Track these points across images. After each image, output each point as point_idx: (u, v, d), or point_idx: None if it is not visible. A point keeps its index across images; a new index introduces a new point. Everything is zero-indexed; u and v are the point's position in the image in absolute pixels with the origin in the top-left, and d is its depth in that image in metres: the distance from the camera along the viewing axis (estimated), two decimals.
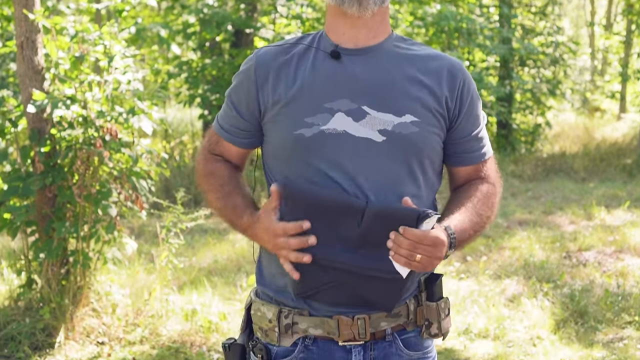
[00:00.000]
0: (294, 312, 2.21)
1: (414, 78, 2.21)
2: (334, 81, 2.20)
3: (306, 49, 2.27)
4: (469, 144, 2.29)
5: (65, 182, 5.31)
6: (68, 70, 5.40)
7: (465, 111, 2.25)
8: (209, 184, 2.35)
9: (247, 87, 2.28)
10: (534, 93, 16.05)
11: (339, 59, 2.22)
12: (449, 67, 2.25)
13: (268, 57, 2.28)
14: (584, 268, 7.11)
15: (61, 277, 5.39)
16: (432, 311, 2.23)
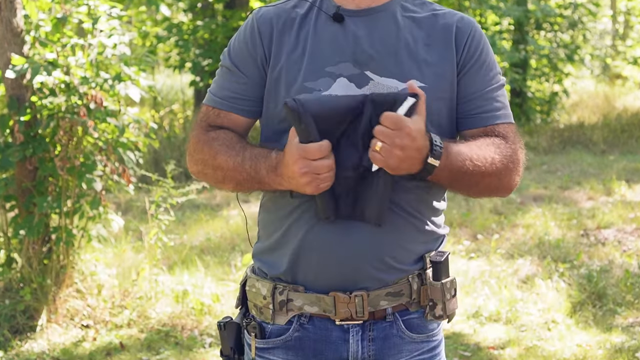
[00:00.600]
0: (288, 288, 2.22)
1: (421, 40, 2.21)
2: (336, 44, 2.20)
3: (309, 9, 2.27)
4: (477, 102, 2.24)
5: (46, 153, 5.30)
6: (49, 33, 5.38)
7: (472, 65, 2.24)
8: (214, 149, 2.22)
9: (253, 46, 2.26)
10: (551, 59, 16.00)
11: (341, 21, 2.22)
12: (458, 22, 2.25)
13: (270, 16, 2.27)
14: (603, 247, 7.13)
15: (43, 256, 5.40)
16: (436, 291, 2.23)
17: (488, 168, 2.14)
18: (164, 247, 6.05)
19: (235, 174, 2.18)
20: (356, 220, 2.14)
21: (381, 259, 2.18)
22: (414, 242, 2.23)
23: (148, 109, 14.16)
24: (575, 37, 17.14)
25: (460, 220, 7.98)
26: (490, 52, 2.30)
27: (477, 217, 8.13)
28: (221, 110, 2.29)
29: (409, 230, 2.20)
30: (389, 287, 2.20)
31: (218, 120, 2.29)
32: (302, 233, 2.18)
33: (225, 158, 2.19)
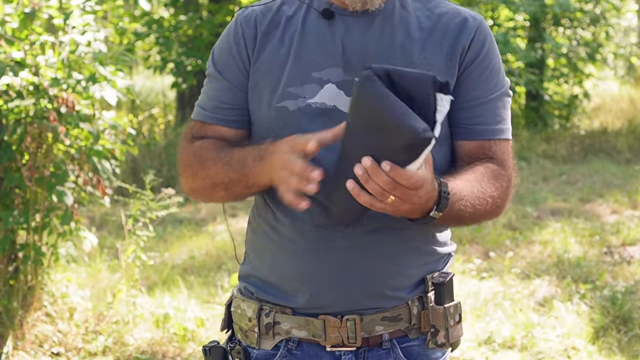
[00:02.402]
0: (275, 309, 2.24)
1: (418, 42, 2.20)
2: (325, 47, 2.20)
3: (298, 7, 2.28)
4: (474, 111, 2.21)
5: (13, 162, 5.30)
6: (16, 30, 5.39)
7: (474, 70, 2.21)
8: (201, 156, 2.24)
9: (237, 50, 2.27)
10: (570, 58, 16.04)
11: (332, 19, 2.22)
12: (461, 22, 2.23)
13: (254, 16, 2.29)
14: (628, 266, 7.14)
15: (9, 276, 5.40)
16: (439, 316, 2.22)
17: (485, 208, 2.15)
18: (143, 266, 6.04)
19: (223, 173, 2.19)
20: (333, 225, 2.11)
21: (376, 289, 2.19)
22: (413, 266, 2.23)
23: (125, 113, 14.16)
24: (597, 34, 17.19)
25: (471, 237, 7.98)
26: (495, 56, 2.27)
27: (489, 232, 8.13)
28: (205, 123, 2.32)
29: (407, 253, 2.20)
30: (385, 312, 2.20)
31: (204, 133, 2.32)
32: (290, 255, 2.20)
33: (212, 164, 2.21)
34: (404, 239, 2.18)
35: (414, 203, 1.92)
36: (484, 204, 2.13)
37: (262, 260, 2.28)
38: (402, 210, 1.93)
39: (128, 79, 14.98)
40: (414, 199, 1.90)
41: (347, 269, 2.16)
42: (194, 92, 13.11)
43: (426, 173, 1.90)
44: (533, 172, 11.59)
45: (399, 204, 1.90)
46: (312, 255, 2.17)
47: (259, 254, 2.30)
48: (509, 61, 13.72)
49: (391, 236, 2.16)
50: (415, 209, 1.96)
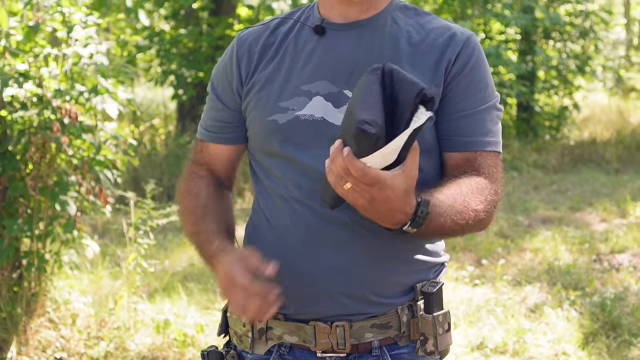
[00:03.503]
0: None
1: (406, 58, 2.18)
2: (315, 61, 2.21)
3: (292, 24, 2.30)
4: (460, 122, 2.17)
5: (17, 172, 5.29)
6: (21, 42, 5.39)
7: (459, 82, 2.18)
8: (184, 206, 2.38)
9: (230, 71, 2.32)
10: (560, 70, 16.07)
11: (323, 34, 2.23)
12: (449, 36, 2.20)
13: (250, 38, 2.32)
14: (617, 273, 7.14)
15: (13, 283, 5.39)
16: (428, 324, 2.20)
17: (468, 222, 2.09)
18: (144, 273, 6.03)
19: (192, 240, 2.35)
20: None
21: (360, 294, 2.17)
22: (399, 273, 2.21)
23: (127, 124, 14.16)
24: (587, 47, 17.22)
25: (464, 245, 7.99)
26: (483, 70, 2.23)
27: (481, 241, 8.14)
28: (204, 142, 2.41)
29: (392, 261, 2.19)
30: (375, 318, 2.20)
31: (203, 156, 2.42)
32: (282, 261, 2.19)
33: (187, 222, 2.38)
34: (389, 246, 2.15)
35: (369, 201, 1.87)
36: (465, 219, 2.07)
37: None
38: (359, 204, 1.89)
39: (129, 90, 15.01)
40: (366, 195, 1.86)
41: (332, 273, 2.15)
42: (194, 103, 13.12)
43: (396, 180, 1.84)
44: (524, 182, 11.60)
45: (353, 194, 1.87)
46: (300, 262, 2.17)
47: None
48: (501, 73, 13.74)
49: (376, 243, 2.15)
50: (379, 213, 1.92)
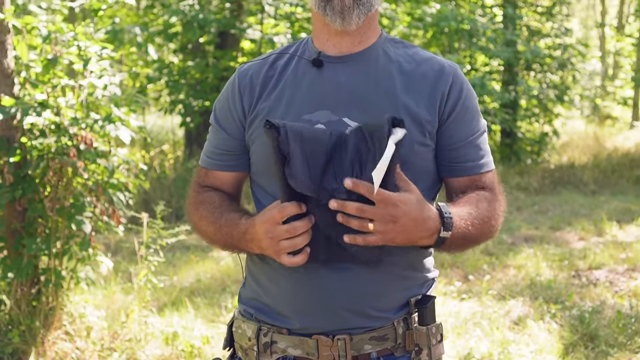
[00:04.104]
0: (273, 329, 2.24)
1: (401, 86, 2.21)
2: (314, 91, 2.22)
3: (289, 58, 2.31)
4: (462, 151, 2.24)
5: (36, 194, 5.29)
6: (40, 74, 5.39)
7: (457, 114, 2.23)
8: (200, 214, 2.32)
9: (233, 103, 2.32)
10: (541, 99, 16.12)
11: (320, 67, 2.24)
12: (439, 69, 2.25)
13: (251, 71, 2.33)
14: (595, 288, 7.13)
15: (31, 298, 5.37)
16: (422, 336, 2.21)
17: (483, 228, 2.17)
18: (154, 288, 6.02)
19: (217, 239, 2.28)
20: (345, 262, 2.12)
21: (362, 310, 2.18)
22: (396, 290, 2.23)
23: (138, 149, 14.17)
24: (565, 77, 17.28)
25: (452, 262, 7.98)
26: (473, 98, 2.29)
27: (468, 258, 8.13)
28: (208, 169, 2.39)
29: (389, 279, 2.20)
30: (373, 332, 2.20)
31: (207, 180, 2.40)
32: (285, 280, 2.20)
33: (207, 224, 2.29)
34: (386, 266, 2.16)
35: (394, 222, 1.94)
36: (481, 224, 2.15)
37: (260, 285, 2.28)
38: (389, 232, 1.95)
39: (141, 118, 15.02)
40: (389, 219, 1.93)
41: (334, 292, 2.15)
42: (200, 130, 13.12)
43: (403, 195, 1.96)
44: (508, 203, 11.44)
45: (379, 227, 1.94)
46: (303, 280, 2.17)
47: (257, 279, 2.30)
48: (486, 102, 13.76)
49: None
50: (411, 231, 1.98)
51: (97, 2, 5.85)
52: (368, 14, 2.21)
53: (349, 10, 2.16)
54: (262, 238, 2.06)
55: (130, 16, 15.14)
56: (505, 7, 15.71)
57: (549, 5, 17.10)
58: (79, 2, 6.06)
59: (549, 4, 17.16)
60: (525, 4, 16.97)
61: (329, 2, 2.18)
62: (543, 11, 17.04)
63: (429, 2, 14.20)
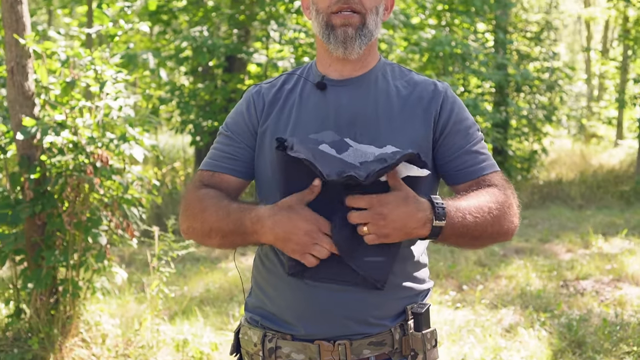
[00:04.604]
0: (277, 336, 2.24)
1: (398, 108, 2.24)
2: (319, 112, 2.25)
3: (296, 80, 2.35)
4: (462, 158, 2.25)
5: (55, 209, 5.29)
6: (58, 96, 5.40)
7: (451, 127, 2.25)
8: (202, 205, 2.23)
9: (248, 113, 2.34)
10: (530, 119, 16.12)
11: (324, 89, 2.27)
12: (432, 90, 2.29)
13: (263, 90, 2.37)
14: (582, 297, 7.11)
15: (50, 307, 5.37)
16: (417, 341, 2.22)
17: (487, 217, 2.12)
18: (165, 298, 6.01)
19: (220, 225, 2.16)
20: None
21: (363, 318, 2.19)
22: (393, 299, 2.23)
23: (151, 166, 14.17)
24: (553, 99, 17.29)
25: (446, 272, 7.96)
26: (464, 110, 2.31)
27: (462, 269, 8.11)
28: (214, 172, 2.34)
29: (392, 289, 2.20)
30: (371, 337, 2.20)
31: (211, 181, 2.33)
32: (290, 290, 2.21)
33: (213, 211, 2.19)
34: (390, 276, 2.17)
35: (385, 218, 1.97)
36: (482, 213, 2.11)
37: (266, 295, 2.28)
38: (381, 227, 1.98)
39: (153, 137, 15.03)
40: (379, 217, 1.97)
41: (337, 303, 2.16)
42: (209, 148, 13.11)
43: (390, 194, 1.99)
44: None
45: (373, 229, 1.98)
46: (308, 291, 2.18)
47: (262, 288, 2.30)
48: (478, 122, 13.76)
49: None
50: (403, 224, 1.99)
51: (113, 29, 5.87)
52: (369, 43, 2.24)
53: (351, 40, 2.20)
54: (298, 234, 2.03)
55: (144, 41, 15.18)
56: (496, 33, 15.74)
57: (537, 30, 17.13)
58: (96, 28, 6.08)
59: (537, 29, 17.20)
60: (515, 29, 17.00)
61: (332, 31, 2.21)
62: (532, 36, 17.06)
63: (425, 28, 14.24)
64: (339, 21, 2.20)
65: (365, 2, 2.21)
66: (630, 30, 16.42)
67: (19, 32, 5.22)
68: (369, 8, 2.21)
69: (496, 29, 15.93)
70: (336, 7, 2.20)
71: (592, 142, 22.85)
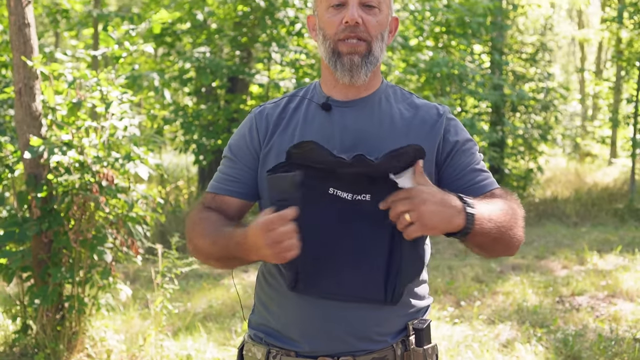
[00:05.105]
0: (281, 352, 2.23)
1: (401, 129, 2.25)
2: (324, 132, 2.24)
3: (300, 101, 2.34)
4: (469, 176, 2.25)
5: (61, 227, 5.29)
6: (65, 116, 5.42)
7: (457, 150, 2.26)
8: (196, 231, 2.23)
9: (250, 136, 2.33)
10: (526, 138, 16.13)
11: (329, 110, 2.26)
12: (435, 113, 2.29)
13: (266, 111, 2.35)
14: (577, 313, 7.09)
15: (56, 323, 5.36)
16: (419, 356, 2.22)
17: (507, 217, 2.14)
18: (169, 314, 5.99)
19: (213, 252, 2.18)
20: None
21: (365, 335, 2.18)
22: (395, 316, 2.23)
23: (155, 185, 14.17)
24: (548, 118, 17.31)
25: (445, 288, 7.95)
26: (462, 130, 2.32)
27: (460, 285, 8.10)
28: (216, 194, 2.33)
29: (395, 307, 2.20)
30: (374, 353, 2.20)
31: (213, 203, 2.33)
32: (294, 307, 2.20)
33: (206, 238, 2.20)
34: None
35: (423, 204, 1.96)
36: (503, 213, 2.13)
37: (269, 312, 2.28)
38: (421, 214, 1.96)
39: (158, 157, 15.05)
40: (419, 204, 1.96)
41: (341, 320, 2.16)
42: (212, 167, 13.13)
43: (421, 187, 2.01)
44: None
45: (415, 216, 1.96)
46: (312, 308, 2.17)
47: (266, 305, 2.30)
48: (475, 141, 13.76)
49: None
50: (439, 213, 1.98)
51: (118, 51, 5.89)
52: (374, 69, 2.25)
53: (357, 68, 2.20)
54: (261, 246, 1.96)
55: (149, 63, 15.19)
56: (493, 54, 15.78)
57: (532, 52, 17.16)
58: (102, 50, 6.10)
59: (532, 51, 17.23)
60: (511, 51, 17.04)
61: (339, 58, 2.21)
62: (527, 57, 17.10)
63: (423, 50, 14.26)
64: (346, 49, 2.20)
65: (371, 30, 2.21)
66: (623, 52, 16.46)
67: (26, 55, 5.24)
68: (374, 36, 2.22)
69: (492, 50, 15.97)
70: (343, 35, 2.20)
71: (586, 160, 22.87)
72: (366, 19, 2.19)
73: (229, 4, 12.76)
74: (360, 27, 2.19)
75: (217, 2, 12.99)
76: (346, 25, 2.19)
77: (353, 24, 2.18)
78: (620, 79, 18.46)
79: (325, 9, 2.24)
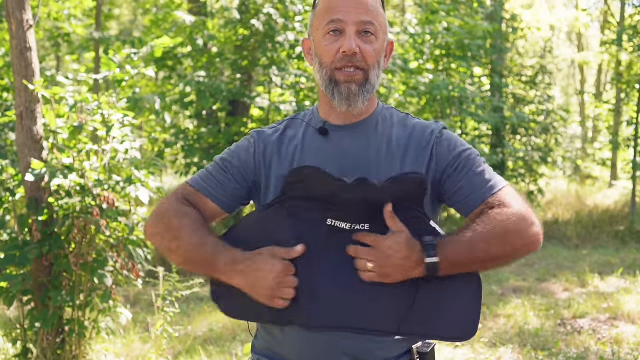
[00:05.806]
0: None
1: (398, 151, 2.24)
2: (321, 157, 2.24)
3: (298, 126, 2.35)
4: (467, 182, 2.21)
5: (61, 250, 5.29)
6: (66, 140, 5.42)
7: (452, 162, 2.23)
8: (181, 222, 2.22)
9: (246, 156, 2.33)
10: (526, 161, 16.15)
11: (326, 135, 2.27)
12: (429, 132, 2.28)
13: (265, 136, 2.36)
14: (579, 335, 7.07)
15: (56, 347, 5.34)
16: None
17: (491, 241, 2.07)
18: (170, 337, 5.98)
19: (191, 251, 2.17)
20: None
21: (373, 356, 2.16)
22: (400, 341, 2.21)
23: None
24: (548, 141, 17.33)
25: None
26: (457, 141, 2.29)
27: None
28: (198, 192, 2.32)
29: None
30: None
31: (193, 199, 2.31)
32: (295, 333, 2.19)
33: (189, 235, 2.19)
34: None
35: (388, 258, 2.04)
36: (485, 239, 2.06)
37: (272, 336, 2.26)
38: (382, 266, 2.05)
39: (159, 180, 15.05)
40: (382, 255, 2.05)
41: (344, 345, 2.14)
42: None
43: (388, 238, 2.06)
44: None
45: (376, 268, 2.05)
46: (313, 334, 2.15)
47: (269, 331, 2.28)
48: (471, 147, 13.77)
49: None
50: (401, 264, 2.04)
51: (120, 74, 5.90)
52: (371, 96, 2.25)
53: (354, 96, 2.21)
54: (267, 279, 2.08)
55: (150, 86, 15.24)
56: (493, 77, 15.83)
57: (532, 74, 17.22)
58: (103, 74, 6.12)
59: (532, 73, 17.29)
60: (511, 73, 17.10)
61: (336, 87, 2.21)
62: (527, 80, 17.16)
63: (423, 73, 14.30)
64: (343, 78, 2.20)
65: (369, 59, 2.21)
66: (623, 74, 16.50)
67: (28, 78, 5.26)
68: (371, 64, 2.22)
69: (492, 73, 16.02)
70: (340, 64, 2.20)
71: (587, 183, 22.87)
72: (363, 48, 2.20)
73: (229, 28, 12.82)
74: (358, 57, 2.19)
75: (217, 26, 13.05)
76: (344, 55, 2.19)
77: (351, 54, 2.18)
78: (620, 101, 18.50)
79: (322, 35, 2.24)
